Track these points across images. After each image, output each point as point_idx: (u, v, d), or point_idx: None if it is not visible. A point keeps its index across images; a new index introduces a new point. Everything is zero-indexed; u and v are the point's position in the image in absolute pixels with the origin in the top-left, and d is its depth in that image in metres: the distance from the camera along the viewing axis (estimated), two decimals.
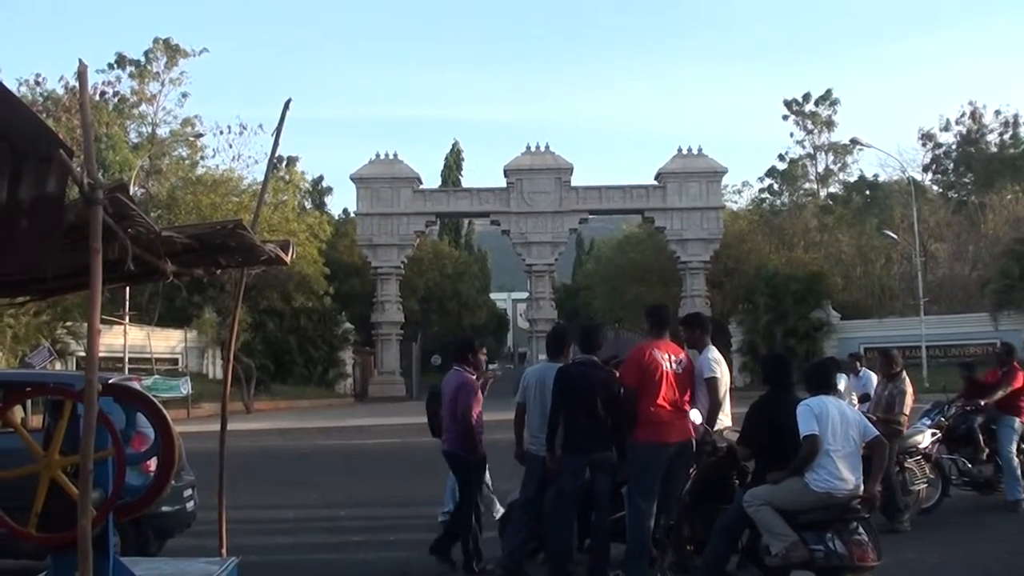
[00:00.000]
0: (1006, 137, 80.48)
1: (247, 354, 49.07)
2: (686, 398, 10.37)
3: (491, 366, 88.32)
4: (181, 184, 59.03)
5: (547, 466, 10.56)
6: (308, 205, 70.11)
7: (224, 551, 7.92)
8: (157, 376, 42.35)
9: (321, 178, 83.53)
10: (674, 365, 10.36)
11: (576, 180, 64.06)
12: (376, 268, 62.94)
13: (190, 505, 11.63)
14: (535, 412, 10.85)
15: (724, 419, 10.60)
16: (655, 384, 10.19)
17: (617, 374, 10.70)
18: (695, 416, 10.16)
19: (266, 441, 30.49)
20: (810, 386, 9.20)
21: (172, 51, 62.77)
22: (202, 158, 63.92)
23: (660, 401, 10.16)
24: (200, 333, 52.56)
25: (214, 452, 8.96)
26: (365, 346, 65.48)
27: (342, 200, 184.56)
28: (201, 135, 61.62)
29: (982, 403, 15.26)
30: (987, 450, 15.26)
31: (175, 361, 51.67)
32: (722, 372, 10.62)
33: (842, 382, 13.92)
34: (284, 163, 65.56)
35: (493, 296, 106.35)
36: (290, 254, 7.55)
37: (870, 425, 9.07)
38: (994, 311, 51.59)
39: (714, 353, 10.75)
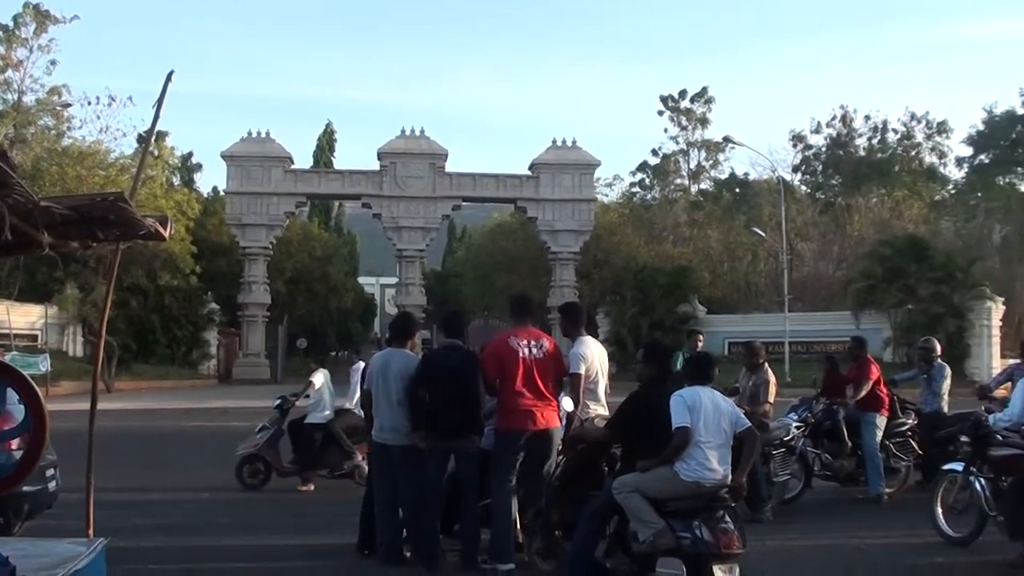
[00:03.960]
0: (874, 142, 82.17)
1: (109, 332, 48.10)
2: (549, 385, 10.43)
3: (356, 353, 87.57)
4: (46, 155, 57.53)
5: (414, 449, 10.58)
6: (176, 181, 68.90)
7: (91, 532, 7.73)
8: (15, 352, 41.32)
9: (191, 154, 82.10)
10: (535, 351, 10.44)
11: (450, 166, 63.89)
12: (244, 248, 62.16)
13: (52, 485, 11.37)
14: (381, 401, 10.84)
15: (597, 408, 10.68)
16: (512, 373, 10.32)
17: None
18: (567, 404, 10.23)
19: (128, 421, 29.94)
20: (688, 376, 9.27)
21: (42, 17, 60.84)
22: (69, 129, 62.22)
23: (518, 389, 10.30)
24: (61, 309, 51.37)
25: (74, 431, 8.77)
26: (230, 327, 64.71)
27: (212, 178, 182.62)
28: (69, 105, 59.95)
29: (847, 400, 15.56)
30: (850, 444, 15.59)
31: (34, 337, 50.39)
32: (587, 366, 10.71)
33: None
34: (153, 138, 64.15)
35: (361, 280, 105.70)
36: (168, 229, 7.40)
37: (743, 416, 9.17)
38: (856, 310, 52.69)
39: (582, 347, 10.82)
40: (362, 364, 16.91)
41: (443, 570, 10.46)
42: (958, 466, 12.26)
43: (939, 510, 12.27)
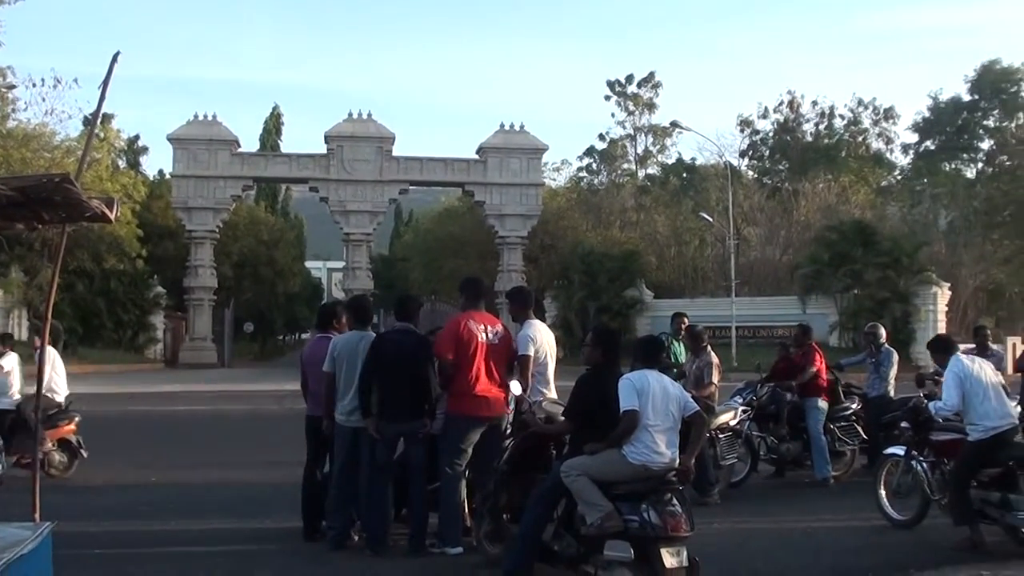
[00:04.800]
0: (821, 127, 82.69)
1: (54, 315, 47.33)
2: (502, 371, 10.51)
3: (304, 335, 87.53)
4: None
5: (371, 434, 10.52)
6: (122, 164, 68.20)
7: (37, 516, 7.68)
8: None
9: (137, 137, 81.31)
10: (490, 336, 10.49)
11: (398, 150, 63.78)
12: (191, 232, 61.73)
13: None
14: (351, 384, 10.75)
15: (546, 391, 10.71)
16: (470, 357, 10.33)
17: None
18: (515, 387, 10.23)
19: (73, 406, 29.68)
20: (636, 360, 9.28)
21: None
22: (13, 111, 61.40)
23: (474, 374, 10.33)
24: (6, 293, 50.82)
25: None
26: (177, 311, 64.38)
27: (158, 161, 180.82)
28: (13, 87, 59.19)
29: (793, 384, 15.78)
30: (790, 429, 15.83)
31: None
32: (536, 349, 10.78)
33: None
34: (99, 120, 63.34)
35: (308, 264, 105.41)
36: (115, 211, 7.33)
37: (691, 400, 9.18)
38: (803, 295, 53.06)
39: (532, 330, 10.87)
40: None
41: (391, 554, 10.45)
42: (899, 450, 12.45)
43: (883, 493, 12.46)
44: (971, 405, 11.06)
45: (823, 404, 15.76)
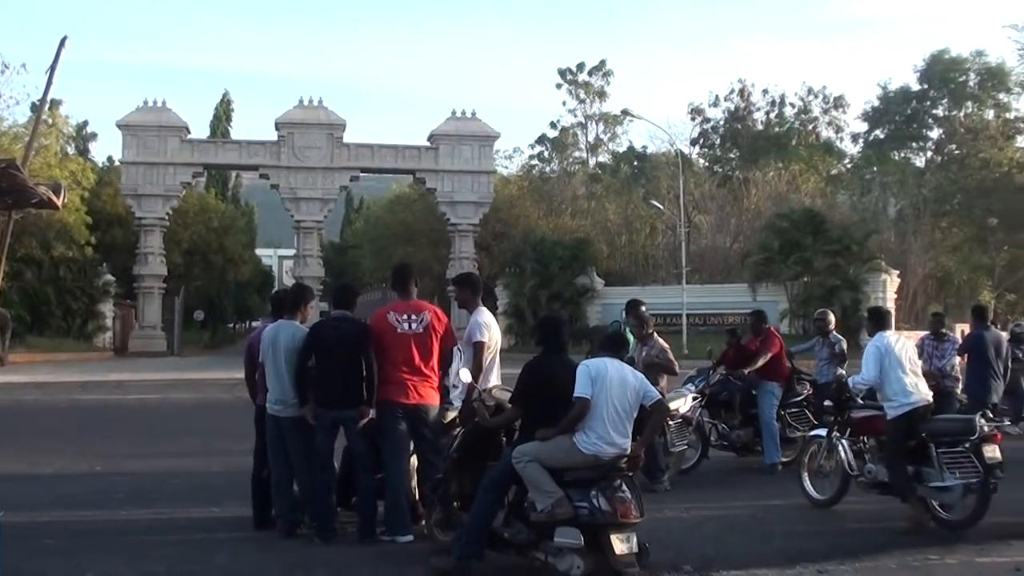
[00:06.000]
0: (772, 116, 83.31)
1: (2, 304, 47.31)
2: (429, 361, 10.61)
3: (255, 323, 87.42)
4: None
5: (303, 421, 10.57)
6: (71, 151, 67.64)
7: None
8: None
9: (86, 123, 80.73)
10: (413, 326, 10.54)
11: (348, 137, 63.69)
12: (140, 219, 61.36)
13: None
14: (271, 373, 10.83)
15: (492, 379, 10.73)
16: (390, 347, 10.47)
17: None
18: (465, 375, 10.23)
19: (22, 395, 29.53)
20: (599, 348, 9.33)
21: None
22: None
23: (395, 363, 10.44)
24: None
25: None
26: (126, 299, 63.93)
27: (107, 147, 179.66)
28: None
29: (746, 372, 15.81)
30: (741, 415, 15.89)
31: None
32: (490, 335, 10.77)
33: None
34: (47, 106, 62.96)
35: (259, 252, 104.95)
36: (62, 197, 7.28)
37: (652, 388, 9.20)
38: (753, 282, 53.39)
39: (484, 316, 10.86)
40: None
41: (341, 542, 10.45)
42: (823, 431, 12.76)
43: (805, 475, 12.77)
44: (887, 380, 11.34)
45: (779, 390, 15.85)
